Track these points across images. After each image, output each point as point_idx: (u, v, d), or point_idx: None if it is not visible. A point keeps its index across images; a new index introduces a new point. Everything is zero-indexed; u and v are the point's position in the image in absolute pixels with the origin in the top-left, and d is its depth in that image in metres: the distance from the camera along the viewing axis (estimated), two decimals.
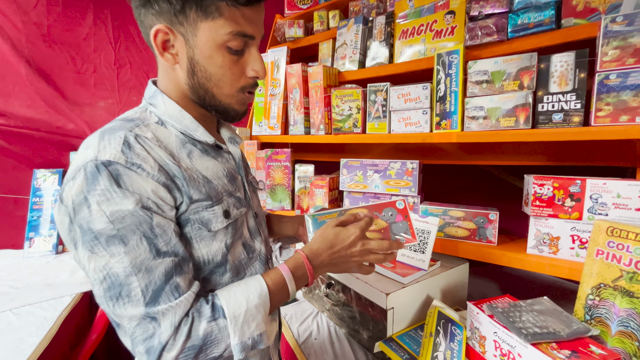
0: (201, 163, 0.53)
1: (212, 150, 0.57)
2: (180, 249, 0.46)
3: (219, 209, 0.52)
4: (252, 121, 1.52)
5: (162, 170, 0.46)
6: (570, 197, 0.70)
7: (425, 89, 0.97)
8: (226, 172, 0.57)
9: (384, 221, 0.62)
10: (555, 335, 0.55)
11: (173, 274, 0.44)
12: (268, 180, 1.29)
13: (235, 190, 0.57)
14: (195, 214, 0.49)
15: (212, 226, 0.50)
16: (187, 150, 0.52)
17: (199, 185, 0.50)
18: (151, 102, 0.54)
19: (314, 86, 1.23)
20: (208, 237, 0.51)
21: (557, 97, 0.80)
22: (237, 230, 0.55)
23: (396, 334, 0.73)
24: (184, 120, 0.53)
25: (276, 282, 0.51)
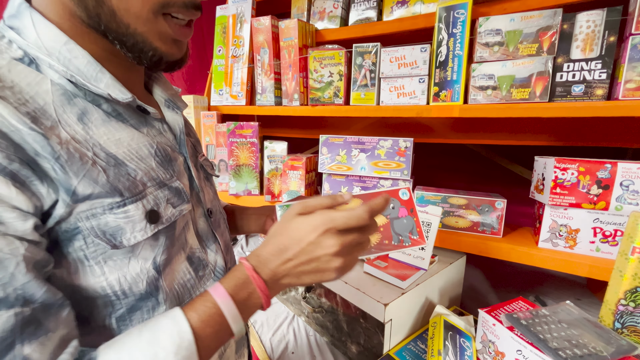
0: (107, 133, 0.33)
1: (131, 114, 0.36)
2: (38, 291, 0.26)
3: (138, 210, 0.32)
4: (210, 88, 1.26)
5: (7, 145, 0.25)
6: (597, 183, 0.60)
7: (424, 51, 0.81)
8: (156, 150, 0.37)
9: (384, 216, 0.47)
10: (598, 357, 0.45)
11: (15, 339, 0.24)
12: (231, 159, 1.07)
13: (172, 177, 0.38)
14: (90, 219, 0.29)
15: (123, 238, 0.31)
16: (77, 111, 0.31)
17: (94, 169, 0.30)
18: (12, 25, 0.31)
19: (286, 46, 1.01)
20: (120, 255, 0.31)
21: (580, 65, 0.67)
22: (175, 240, 0.36)
23: (394, 349, 0.61)
24: (73, 59, 0.32)
25: (206, 319, 0.31)
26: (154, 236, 0.33)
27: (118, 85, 0.34)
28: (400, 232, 0.46)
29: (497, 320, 0.54)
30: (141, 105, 0.36)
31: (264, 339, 0.77)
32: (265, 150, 1.04)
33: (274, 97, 1.06)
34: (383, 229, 0.46)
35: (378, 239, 0.45)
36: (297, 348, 0.74)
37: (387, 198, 0.38)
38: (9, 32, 0.31)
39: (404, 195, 0.49)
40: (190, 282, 0.38)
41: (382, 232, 0.46)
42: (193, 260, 0.40)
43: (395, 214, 0.47)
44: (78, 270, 0.30)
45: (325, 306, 0.73)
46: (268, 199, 1.04)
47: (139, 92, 0.41)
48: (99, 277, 0.30)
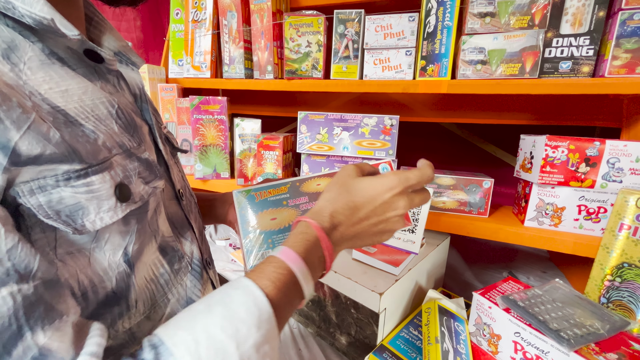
0: (48, 81, 0.23)
1: (77, 62, 0.27)
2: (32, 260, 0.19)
3: (105, 183, 0.24)
4: (167, 57, 1.11)
5: None
6: (585, 161, 0.60)
7: (412, 20, 0.75)
8: (117, 111, 0.28)
9: None
10: (597, 335, 0.44)
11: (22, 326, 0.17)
12: (196, 139, 0.96)
13: (140, 147, 0.29)
14: (41, 193, 0.21)
15: (86, 220, 0.23)
16: (3, 41, 0.22)
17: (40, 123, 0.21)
18: None
19: (257, 9, 0.89)
20: (80, 244, 0.23)
21: (569, 40, 0.66)
22: (146, 226, 0.29)
23: (387, 338, 0.57)
24: None
25: (281, 286, 0.27)
26: (124, 219, 0.26)
27: (58, 16, 0.24)
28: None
29: (492, 302, 0.53)
30: (93, 49, 0.26)
31: None
32: (236, 129, 0.94)
33: (244, 68, 0.95)
34: None
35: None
36: (281, 341, 0.69)
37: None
38: None
39: (384, 170, 0.46)
40: (164, 277, 0.31)
41: None
42: (167, 251, 0.32)
43: None
44: None
45: (311, 297, 0.68)
46: (241, 183, 0.95)
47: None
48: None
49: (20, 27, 0.23)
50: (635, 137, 0.69)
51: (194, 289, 0.37)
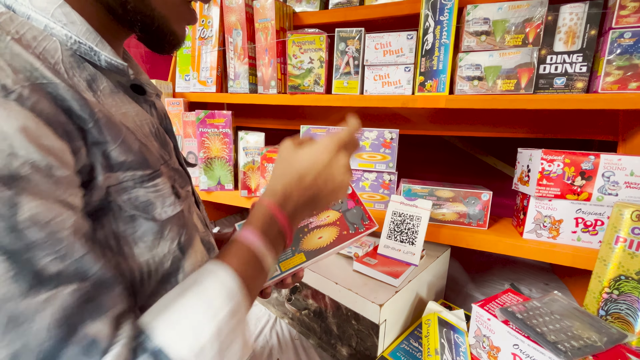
0: (114, 105, 0.29)
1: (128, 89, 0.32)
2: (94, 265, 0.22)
3: (166, 184, 0.30)
4: (174, 72, 1.14)
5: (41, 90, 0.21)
6: (581, 175, 0.61)
7: (411, 38, 0.78)
8: (156, 131, 0.34)
9: (337, 210, 0.50)
10: (594, 347, 0.45)
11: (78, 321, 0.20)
12: (202, 151, 0.98)
13: (171, 159, 0.35)
14: (123, 193, 0.26)
15: (155, 213, 0.28)
16: (87, 76, 0.27)
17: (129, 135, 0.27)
18: None
19: (262, 27, 0.93)
20: (149, 234, 0.28)
21: (562, 57, 0.68)
22: (187, 222, 0.33)
23: (387, 350, 0.58)
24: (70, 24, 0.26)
25: (245, 262, 0.30)
26: (179, 214, 0.31)
27: (118, 58, 0.29)
28: (353, 221, 0.48)
29: (491, 314, 0.53)
30: (141, 84, 0.33)
31: None
32: (240, 142, 0.96)
33: (249, 83, 0.98)
34: (339, 222, 0.48)
35: (337, 232, 0.47)
36: (282, 353, 0.69)
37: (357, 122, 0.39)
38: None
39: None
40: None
41: (339, 225, 0.48)
42: (204, 243, 0.36)
43: (345, 207, 0.49)
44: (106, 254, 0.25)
45: (312, 308, 0.69)
46: (244, 194, 0.97)
47: None
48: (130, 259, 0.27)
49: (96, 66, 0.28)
50: (632, 151, 0.71)
51: None
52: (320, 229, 0.48)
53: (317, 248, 0.46)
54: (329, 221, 0.49)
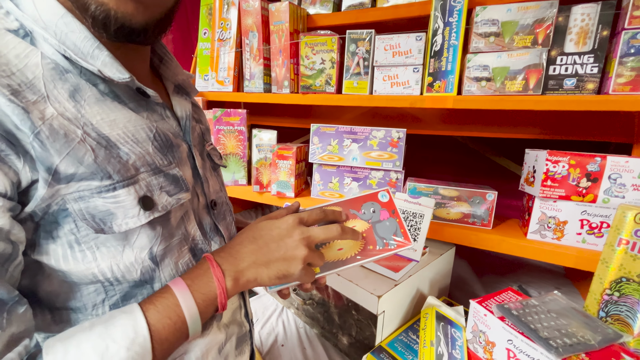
0: (100, 112, 0.30)
1: (130, 96, 0.34)
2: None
3: (129, 194, 0.30)
4: (195, 72, 1.20)
5: None
6: (587, 176, 0.61)
7: (420, 40, 0.79)
8: (155, 135, 0.34)
9: (365, 220, 0.45)
10: (587, 345, 0.46)
11: None
12: (218, 147, 1.03)
13: (170, 164, 0.35)
14: (78, 201, 0.27)
15: (114, 224, 0.29)
16: (69, 87, 0.29)
17: (80, 148, 0.27)
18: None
19: (276, 30, 0.97)
20: (112, 240, 0.29)
21: (573, 58, 0.68)
22: (173, 231, 0.34)
23: (385, 340, 0.60)
24: (70, 33, 0.29)
25: (162, 310, 0.30)
26: (150, 224, 0.31)
27: (116, 64, 0.31)
28: (383, 235, 0.44)
29: (488, 310, 0.55)
30: (140, 87, 0.33)
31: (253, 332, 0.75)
32: (254, 139, 1.01)
33: (263, 83, 1.03)
34: (366, 234, 0.44)
35: (361, 246, 0.43)
36: (287, 340, 0.73)
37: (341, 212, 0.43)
38: (7, 2, 0.28)
39: (383, 198, 0.47)
40: None
41: (365, 237, 0.44)
42: (196, 253, 0.38)
43: (377, 218, 0.45)
44: (68, 255, 0.28)
45: (316, 298, 0.72)
46: (256, 189, 1.01)
47: (141, 74, 0.38)
48: (89, 263, 0.29)
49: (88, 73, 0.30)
50: None
51: None
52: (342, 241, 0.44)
53: (335, 261, 0.43)
54: None
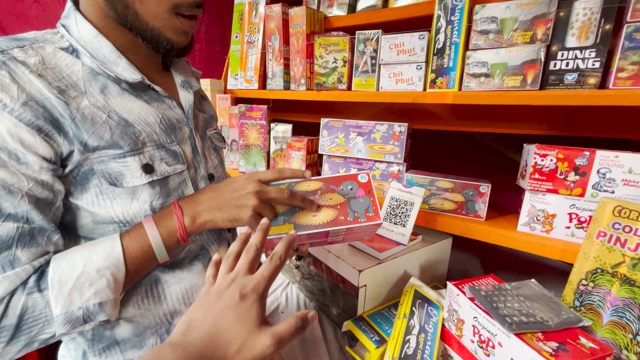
0: (121, 103, 0.42)
1: (142, 91, 0.45)
2: (36, 217, 0.36)
3: (135, 161, 0.41)
4: (227, 73, 1.35)
5: (35, 105, 0.35)
6: (574, 170, 0.61)
7: (422, 38, 0.83)
8: (161, 119, 0.46)
9: (342, 195, 0.51)
10: (543, 324, 0.49)
11: (14, 244, 0.34)
12: (242, 139, 1.16)
13: (172, 142, 0.46)
14: (101, 164, 0.39)
15: (124, 181, 0.41)
16: (99, 85, 0.41)
17: (101, 128, 0.39)
18: (64, 24, 0.42)
19: (295, 32, 1.06)
20: (124, 194, 0.41)
21: (574, 53, 0.68)
22: (171, 192, 0.45)
23: (367, 312, 0.67)
24: (100, 48, 0.42)
25: (134, 236, 0.41)
26: (150, 184, 0.43)
27: (131, 69, 0.43)
28: (356, 209, 0.50)
29: (460, 291, 0.59)
30: (150, 85, 0.45)
31: None
32: (272, 132, 1.12)
33: (283, 81, 1.13)
34: (340, 206, 0.50)
35: (334, 216, 0.49)
36: (287, 309, 0.83)
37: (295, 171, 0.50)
38: (62, 28, 0.42)
39: (362, 179, 0.54)
40: None
41: (339, 209, 0.50)
42: None
43: (353, 194, 0.51)
44: (95, 202, 0.40)
45: (312, 273, 0.80)
46: None
47: (155, 74, 0.49)
48: (109, 208, 0.41)
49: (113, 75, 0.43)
50: None
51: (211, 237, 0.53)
52: (317, 208, 0.50)
53: (307, 224, 0.48)
54: (329, 203, 0.51)
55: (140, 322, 0.45)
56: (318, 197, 0.51)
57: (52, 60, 0.38)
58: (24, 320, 0.34)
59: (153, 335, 0.46)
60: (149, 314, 0.46)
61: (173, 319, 0.47)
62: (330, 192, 0.52)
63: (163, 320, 0.47)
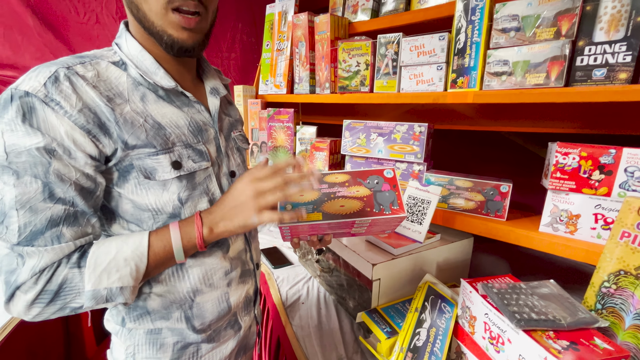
0: (156, 108, 0.49)
1: (175, 97, 0.52)
2: (80, 202, 0.43)
3: (165, 159, 0.48)
4: (258, 79, 1.44)
5: (88, 111, 0.42)
6: (599, 169, 0.59)
7: (442, 39, 0.84)
8: (190, 122, 0.52)
9: (368, 188, 0.54)
10: (554, 323, 0.48)
11: (61, 222, 0.42)
12: (270, 141, 1.23)
13: (199, 142, 0.53)
14: (138, 160, 0.46)
15: (156, 175, 0.47)
16: (140, 93, 0.48)
17: (138, 130, 0.46)
18: (117, 42, 0.51)
19: (320, 39, 1.12)
20: (156, 186, 0.48)
21: (603, 47, 0.65)
22: (196, 185, 0.51)
23: (381, 305, 0.69)
24: (144, 61, 0.49)
25: (160, 236, 0.47)
26: (178, 178, 0.49)
27: (167, 77, 0.50)
28: (381, 202, 0.52)
29: (473, 288, 0.59)
30: (182, 92, 0.52)
31: (282, 290, 0.92)
32: (298, 134, 1.17)
33: (309, 85, 1.18)
34: (366, 199, 0.53)
35: (360, 207, 0.52)
36: (308, 300, 0.87)
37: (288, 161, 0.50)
38: (115, 46, 0.50)
39: (388, 174, 0.57)
40: None
41: (365, 201, 0.53)
42: (213, 203, 0.55)
43: (379, 188, 0.54)
44: (134, 191, 0.47)
45: (332, 267, 0.84)
46: None
47: (187, 81, 0.56)
48: (144, 197, 0.47)
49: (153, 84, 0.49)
50: None
51: None
52: (344, 199, 0.53)
53: (335, 213, 0.51)
54: (356, 195, 0.53)
55: (167, 297, 0.52)
56: (345, 189, 0.53)
57: (105, 73, 0.46)
58: (62, 288, 0.41)
59: (178, 309, 0.53)
60: (175, 290, 0.53)
61: (195, 296, 0.54)
62: (357, 184, 0.54)
63: (186, 297, 0.53)
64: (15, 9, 1.33)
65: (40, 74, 0.41)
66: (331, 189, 0.55)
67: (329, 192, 0.54)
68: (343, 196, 0.53)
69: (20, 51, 1.38)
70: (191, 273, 0.53)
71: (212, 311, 0.55)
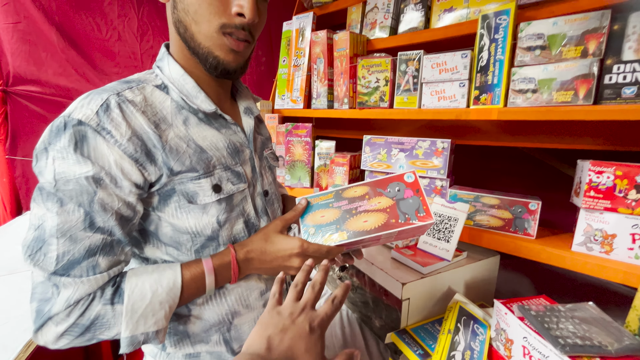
0: (198, 132, 0.49)
1: (214, 119, 0.52)
2: (117, 231, 0.43)
3: (207, 182, 0.48)
4: (274, 94, 1.45)
5: (137, 139, 0.43)
6: (636, 188, 0.58)
7: (465, 57, 0.85)
8: (228, 144, 0.52)
9: (390, 198, 0.51)
10: (601, 349, 0.46)
11: (98, 252, 0.41)
12: (288, 155, 1.24)
13: (236, 164, 0.53)
14: (181, 184, 0.46)
15: (198, 199, 0.47)
16: (182, 117, 0.49)
17: (183, 156, 0.46)
18: (159, 65, 0.52)
19: (339, 55, 1.13)
20: (197, 209, 0.48)
21: (632, 66, 0.65)
22: (234, 207, 0.51)
23: (411, 326, 0.68)
24: (185, 85, 0.50)
25: (194, 277, 0.47)
26: (217, 201, 0.49)
27: (208, 101, 0.51)
28: (406, 210, 0.50)
29: (509, 309, 0.58)
30: (221, 114, 0.53)
31: None
32: (316, 148, 1.18)
33: (327, 101, 1.20)
34: (389, 209, 0.51)
35: (385, 219, 0.50)
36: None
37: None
38: (157, 69, 0.51)
39: (409, 179, 0.54)
40: (241, 236, 0.53)
41: (389, 212, 0.50)
42: (248, 224, 0.55)
43: (401, 196, 0.51)
44: (175, 215, 0.47)
45: (355, 284, 0.83)
46: (317, 190, 1.18)
47: (225, 103, 0.57)
48: (185, 220, 0.47)
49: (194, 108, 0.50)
50: None
51: None
52: (367, 213, 0.51)
53: (360, 230, 0.50)
54: (379, 207, 0.51)
55: (206, 319, 0.52)
56: (366, 202, 0.52)
57: (150, 97, 0.47)
58: (94, 324, 0.42)
59: (217, 332, 0.53)
60: (213, 312, 0.52)
61: (233, 318, 0.53)
62: (378, 195, 0.53)
63: (225, 319, 0.53)
64: (40, 27, 1.38)
65: (93, 102, 0.41)
66: (352, 204, 0.54)
67: (349, 208, 0.52)
68: (365, 210, 0.51)
69: (44, 67, 1.42)
70: (228, 295, 0.53)
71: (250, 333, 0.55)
